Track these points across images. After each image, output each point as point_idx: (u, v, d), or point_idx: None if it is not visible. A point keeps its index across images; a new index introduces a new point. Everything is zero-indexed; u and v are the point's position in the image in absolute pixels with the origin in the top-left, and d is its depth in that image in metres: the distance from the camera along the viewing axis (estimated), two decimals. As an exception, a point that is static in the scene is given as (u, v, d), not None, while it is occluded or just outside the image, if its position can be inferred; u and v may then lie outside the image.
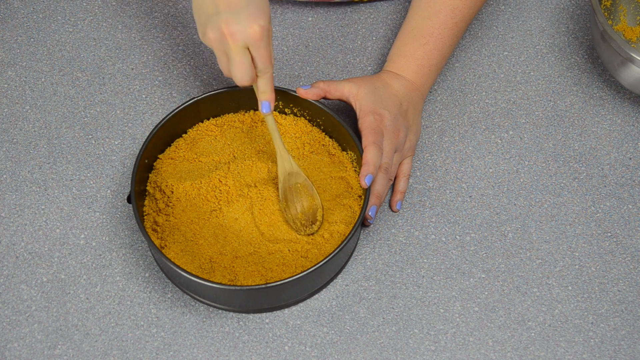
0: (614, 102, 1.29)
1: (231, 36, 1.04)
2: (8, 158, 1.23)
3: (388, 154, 1.15)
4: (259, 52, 1.06)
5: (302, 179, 1.14)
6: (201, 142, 1.19)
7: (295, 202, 1.14)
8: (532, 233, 1.19)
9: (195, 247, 1.11)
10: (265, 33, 1.05)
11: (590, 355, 1.11)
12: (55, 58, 1.32)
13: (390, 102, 1.17)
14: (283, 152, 1.14)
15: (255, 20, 1.04)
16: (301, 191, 1.14)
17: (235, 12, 1.04)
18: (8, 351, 1.10)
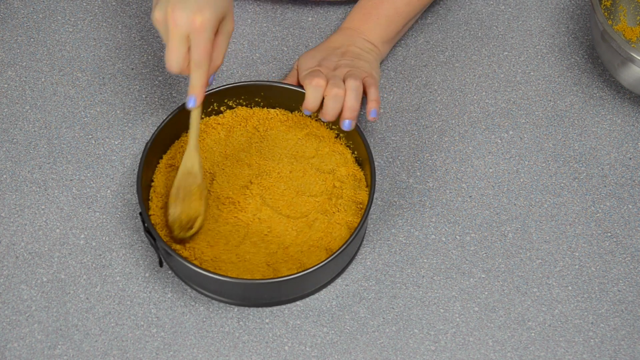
0: (614, 102, 1.29)
1: (173, 21, 1.03)
2: (8, 158, 1.23)
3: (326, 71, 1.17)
4: (196, 44, 1.04)
5: (198, 183, 1.13)
6: None
7: (183, 202, 1.13)
8: (532, 233, 1.19)
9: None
10: (208, 26, 1.03)
11: (590, 355, 1.11)
12: (55, 58, 1.32)
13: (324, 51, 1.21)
14: (193, 149, 1.12)
15: (200, 10, 1.03)
16: (193, 194, 1.13)
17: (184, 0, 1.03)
18: (8, 351, 1.10)
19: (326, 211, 1.15)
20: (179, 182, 1.13)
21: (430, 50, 1.33)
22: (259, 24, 1.35)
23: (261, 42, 1.34)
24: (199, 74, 1.06)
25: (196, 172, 1.12)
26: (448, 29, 1.35)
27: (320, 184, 1.17)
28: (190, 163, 1.12)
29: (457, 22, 1.36)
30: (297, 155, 1.18)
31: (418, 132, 1.26)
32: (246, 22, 1.35)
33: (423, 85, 1.30)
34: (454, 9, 1.37)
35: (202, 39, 1.04)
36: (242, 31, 1.35)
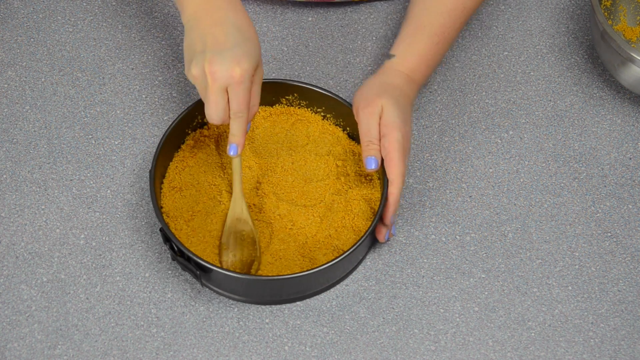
0: (614, 102, 1.29)
1: (211, 75, 1.05)
2: (8, 158, 1.23)
3: None
4: (236, 96, 1.06)
5: (249, 229, 1.14)
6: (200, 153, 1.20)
7: (236, 248, 1.14)
8: (532, 233, 1.19)
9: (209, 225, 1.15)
10: (246, 77, 1.05)
11: (590, 355, 1.11)
12: (55, 58, 1.32)
13: (408, 114, 1.16)
14: (239, 197, 1.14)
15: (239, 63, 1.04)
16: (244, 240, 1.14)
17: (220, 52, 1.05)
18: (8, 351, 1.10)
19: (339, 191, 1.17)
20: (229, 228, 1.14)
21: (430, 50, 1.33)
22: (259, 24, 1.35)
23: (261, 42, 1.34)
24: (238, 123, 1.08)
25: (245, 217, 1.14)
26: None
27: (323, 167, 1.18)
28: (238, 209, 1.14)
29: (457, 22, 1.36)
30: (291, 146, 1.20)
31: (418, 132, 1.26)
32: (246, 22, 1.35)
33: (423, 85, 1.30)
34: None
35: (241, 90, 1.06)
36: (242, 31, 1.35)
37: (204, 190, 1.16)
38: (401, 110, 1.13)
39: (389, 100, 1.13)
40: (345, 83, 1.30)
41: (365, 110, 1.13)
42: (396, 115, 1.12)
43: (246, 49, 1.06)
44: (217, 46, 1.05)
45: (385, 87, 1.15)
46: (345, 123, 1.21)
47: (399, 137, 1.11)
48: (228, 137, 1.11)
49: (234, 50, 1.05)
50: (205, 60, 1.05)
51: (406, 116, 1.14)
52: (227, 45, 1.05)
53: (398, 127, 1.12)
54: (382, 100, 1.13)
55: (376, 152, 1.12)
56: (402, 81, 1.17)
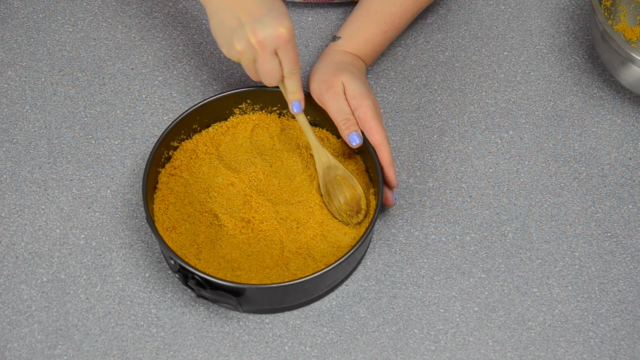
0: (614, 102, 1.29)
1: (259, 43, 1.06)
2: (8, 158, 1.23)
3: None
4: (287, 54, 1.08)
5: (341, 171, 1.16)
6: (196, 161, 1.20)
7: (337, 194, 1.15)
8: (532, 233, 1.19)
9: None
10: (292, 35, 1.07)
11: (590, 355, 1.11)
12: (55, 58, 1.32)
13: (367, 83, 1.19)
14: (319, 147, 1.16)
15: (281, 23, 1.06)
16: (342, 183, 1.16)
17: (259, 19, 1.06)
18: (8, 351, 1.10)
19: None
20: (324, 179, 1.16)
21: (430, 50, 1.33)
22: (259, 24, 1.35)
23: (261, 42, 1.34)
24: (294, 79, 1.11)
25: (334, 163, 1.16)
26: (448, 29, 1.35)
27: (300, 160, 1.19)
28: (325, 158, 1.16)
29: (457, 22, 1.36)
30: (261, 151, 1.20)
31: (418, 132, 1.26)
32: (246, 22, 1.35)
33: (423, 85, 1.30)
34: (454, 9, 1.37)
35: (290, 48, 1.08)
36: (242, 31, 1.35)
37: (198, 220, 1.15)
38: (361, 80, 1.16)
39: (347, 75, 1.15)
40: (345, 83, 1.30)
41: (329, 92, 1.15)
42: (360, 86, 1.15)
43: (279, 10, 1.07)
44: (252, 16, 1.06)
45: (338, 65, 1.18)
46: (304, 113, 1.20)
47: (370, 105, 1.14)
48: (287, 96, 1.12)
49: (270, 14, 1.06)
50: (248, 32, 1.06)
51: (367, 85, 1.17)
52: (262, 12, 1.06)
53: (366, 96, 1.14)
54: (341, 78, 1.15)
55: (356, 127, 1.14)
56: (350, 58, 1.20)
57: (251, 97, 1.20)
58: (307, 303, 1.13)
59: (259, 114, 1.22)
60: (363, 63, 1.22)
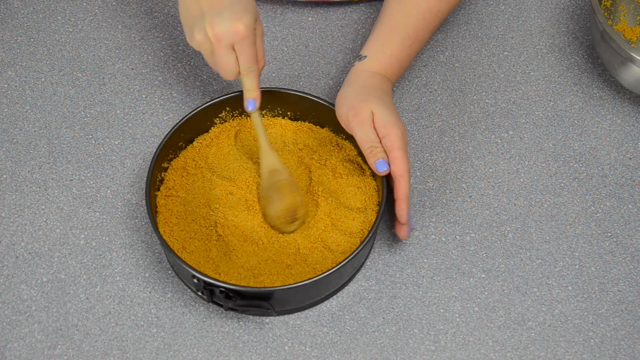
0: (614, 102, 1.29)
1: (215, 37, 1.06)
2: (8, 158, 1.23)
3: None
4: (243, 51, 1.07)
5: (285, 176, 1.15)
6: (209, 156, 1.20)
7: (276, 199, 1.14)
8: (532, 233, 1.19)
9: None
10: (250, 32, 1.06)
11: (590, 355, 1.11)
12: (55, 58, 1.32)
13: (395, 108, 1.16)
14: (267, 149, 1.14)
15: (239, 19, 1.06)
16: (284, 189, 1.14)
17: (219, 12, 1.05)
18: (8, 351, 1.10)
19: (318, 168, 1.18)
20: (266, 182, 1.14)
21: (430, 50, 1.33)
22: (259, 24, 1.35)
23: (261, 42, 1.34)
24: (250, 77, 1.10)
25: (279, 167, 1.14)
26: (448, 29, 1.35)
27: (289, 157, 1.19)
28: (270, 161, 1.15)
29: (457, 22, 1.36)
30: (249, 155, 1.19)
31: (418, 132, 1.26)
32: (246, 22, 1.35)
33: (423, 85, 1.30)
34: (454, 9, 1.37)
35: (247, 44, 1.07)
36: (242, 31, 1.35)
37: (206, 236, 1.14)
38: (390, 107, 1.14)
39: (376, 102, 1.13)
40: (345, 83, 1.30)
41: (356, 120, 1.13)
42: (388, 114, 1.13)
43: (243, 5, 1.07)
44: (213, 7, 1.06)
45: (367, 90, 1.15)
46: (284, 109, 1.21)
47: (398, 134, 1.11)
48: (244, 93, 1.12)
49: (231, 8, 1.06)
50: (206, 23, 1.06)
51: (396, 112, 1.15)
52: (223, 4, 1.06)
53: (395, 124, 1.12)
54: (370, 105, 1.13)
55: (382, 154, 1.12)
56: (378, 80, 1.18)
57: (229, 105, 1.20)
58: (332, 295, 1.13)
59: (239, 119, 1.21)
60: (390, 83, 1.19)
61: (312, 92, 1.29)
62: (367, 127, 1.12)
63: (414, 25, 1.20)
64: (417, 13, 1.20)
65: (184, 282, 1.13)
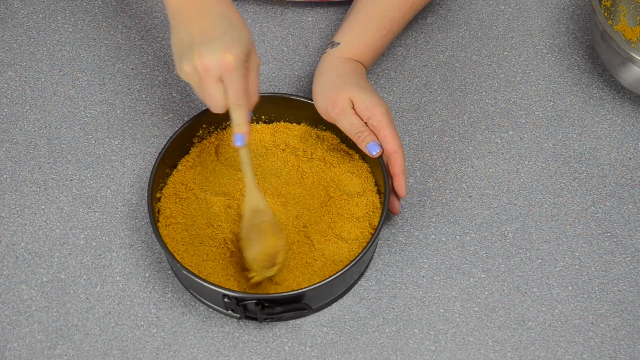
0: (614, 102, 1.29)
1: (203, 67, 1.02)
2: (8, 158, 1.23)
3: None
4: (232, 84, 1.03)
5: (269, 218, 1.11)
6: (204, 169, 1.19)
7: (257, 241, 1.10)
8: (532, 233, 1.19)
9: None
10: (240, 64, 1.03)
11: (590, 355, 1.11)
12: (55, 58, 1.32)
13: (373, 88, 1.17)
14: (252, 187, 1.11)
15: (228, 49, 1.02)
16: (266, 230, 1.11)
17: (209, 43, 1.02)
18: (8, 351, 1.10)
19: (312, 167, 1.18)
20: (248, 221, 1.11)
21: (430, 50, 1.33)
22: (259, 24, 1.35)
23: (261, 42, 1.34)
24: (239, 112, 1.05)
25: (263, 208, 1.11)
26: (448, 29, 1.35)
27: (275, 159, 1.19)
28: (254, 201, 1.11)
29: (457, 22, 1.36)
30: (235, 166, 1.19)
31: (418, 132, 1.26)
32: (246, 22, 1.35)
33: (423, 85, 1.30)
34: (454, 9, 1.37)
35: (236, 76, 1.03)
36: (242, 31, 1.35)
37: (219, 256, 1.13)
38: (368, 89, 1.14)
39: (353, 88, 1.14)
40: (345, 83, 1.30)
41: (335, 110, 1.13)
42: (368, 96, 1.13)
43: (234, 36, 1.03)
44: (204, 38, 1.03)
45: (342, 78, 1.15)
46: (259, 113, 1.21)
47: (383, 112, 1.12)
48: (232, 127, 1.07)
49: (222, 39, 1.03)
50: (195, 54, 1.03)
51: (375, 92, 1.15)
52: (213, 34, 1.03)
53: (377, 104, 1.12)
54: (347, 93, 1.13)
55: (372, 136, 1.12)
56: (352, 65, 1.18)
57: (205, 122, 1.19)
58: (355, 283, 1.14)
59: (216, 134, 1.21)
60: (363, 67, 1.20)
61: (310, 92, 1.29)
62: (348, 115, 1.13)
63: (390, 16, 1.21)
64: (393, 5, 1.21)
65: (205, 302, 1.11)
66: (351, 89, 1.14)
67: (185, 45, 1.04)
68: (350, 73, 1.16)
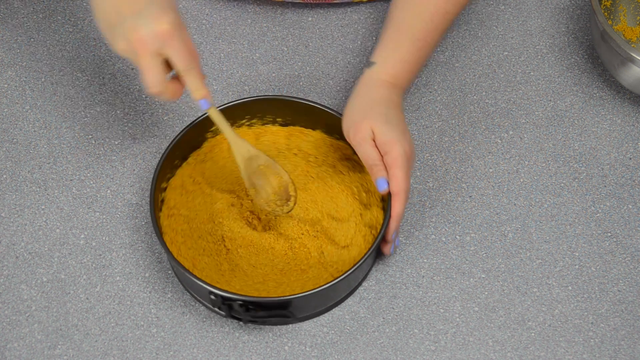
0: (614, 102, 1.29)
1: (139, 41, 0.97)
2: (8, 158, 1.23)
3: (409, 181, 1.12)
4: (175, 50, 0.99)
5: (264, 160, 1.11)
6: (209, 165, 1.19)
7: (263, 185, 1.11)
8: (532, 233, 1.19)
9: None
10: (176, 28, 0.98)
11: (590, 355, 1.11)
12: (55, 58, 1.32)
13: (403, 123, 1.13)
14: (236, 139, 1.09)
15: (161, 18, 0.97)
16: (266, 172, 1.11)
17: (138, 15, 0.98)
18: (8, 351, 1.10)
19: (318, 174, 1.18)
20: (245, 172, 1.10)
21: (430, 50, 1.33)
22: (259, 24, 1.35)
23: (261, 42, 1.34)
24: (192, 75, 1.01)
25: (254, 153, 1.10)
26: (448, 29, 1.35)
27: (285, 162, 1.19)
28: (243, 149, 1.09)
29: (457, 22, 1.36)
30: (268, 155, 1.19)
31: (418, 132, 1.26)
32: (246, 22, 1.35)
33: (423, 85, 1.30)
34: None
35: (178, 42, 0.99)
36: (242, 31, 1.35)
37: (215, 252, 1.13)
38: (393, 123, 1.11)
39: (377, 119, 1.10)
40: (345, 83, 1.30)
41: (356, 138, 1.10)
42: (390, 131, 1.09)
43: (161, 3, 0.98)
44: (132, 11, 0.98)
45: (371, 105, 1.12)
46: (274, 115, 1.20)
47: (400, 151, 1.08)
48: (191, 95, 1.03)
49: (150, 9, 0.98)
50: (128, 29, 0.97)
51: (401, 126, 1.11)
52: (141, 6, 0.98)
53: (397, 141, 1.09)
54: (370, 122, 1.10)
55: (383, 172, 1.09)
56: (386, 90, 1.14)
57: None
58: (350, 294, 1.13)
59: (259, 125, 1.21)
60: (399, 92, 1.16)
61: (312, 92, 1.29)
62: (367, 146, 1.10)
63: (423, 28, 1.17)
64: (425, 16, 1.17)
65: (198, 299, 1.12)
66: (375, 118, 1.10)
67: (114, 23, 0.99)
68: (381, 100, 1.13)
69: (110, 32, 1.01)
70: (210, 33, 1.34)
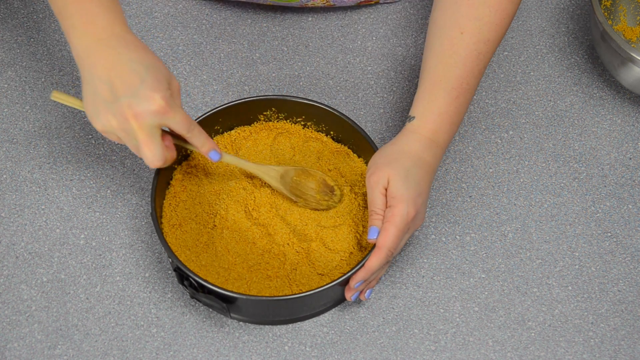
0: (614, 102, 1.29)
1: (136, 118, 0.99)
2: (8, 158, 1.23)
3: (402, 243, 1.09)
4: (174, 121, 1.01)
5: (293, 170, 1.15)
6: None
7: (306, 191, 1.14)
8: (532, 233, 1.19)
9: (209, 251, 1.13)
10: (169, 99, 1.00)
11: (590, 355, 1.11)
12: (55, 58, 1.32)
13: (424, 185, 1.09)
14: (260, 168, 1.13)
15: (156, 92, 0.99)
16: (301, 180, 1.15)
17: (134, 93, 0.99)
18: (8, 351, 1.10)
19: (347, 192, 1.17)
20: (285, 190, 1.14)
21: (430, 50, 1.33)
22: (259, 24, 1.35)
23: (261, 42, 1.34)
24: (196, 135, 1.05)
25: (281, 170, 1.14)
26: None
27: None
28: (272, 172, 1.14)
29: (457, 22, 1.36)
30: (279, 160, 1.19)
31: (418, 132, 1.26)
32: (246, 22, 1.35)
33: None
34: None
35: (174, 113, 1.01)
36: (242, 31, 1.35)
37: (204, 221, 1.14)
38: (411, 181, 1.07)
39: (397, 171, 1.07)
40: (345, 83, 1.30)
41: (370, 179, 1.08)
42: (404, 188, 1.06)
43: (155, 76, 1.00)
44: (127, 89, 0.99)
45: (398, 155, 1.09)
46: (328, 127, 1.20)
47: (403, 212, 1.05)
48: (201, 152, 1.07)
49: (144, 84, 0.99)
50: (123, 106, 0.99)
51: (419, 188, 1.07)
52: (135, 83, 0.99)
53: (405, 200, 1.05)
54: (388, 170, 1.07)
55: (378, 222, 1.07)
56: (421, 147, 1.10)
57: (277, 105, 1.19)
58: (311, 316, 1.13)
59: (284, 122, 1.21)
60: (436, 150, 1.10)
61: (313, 92, 1.29)
62: (376, 192, 1.08)
63: (457, 75, 1.11)
64: (457, 62, 1.11)
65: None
66: (396, 170, 1.07)
67: (106, 99, 1.00)
68: (410, 155, 1.09)
69: (97, 108, 1.01)
70: (210, 33, 1.34)
